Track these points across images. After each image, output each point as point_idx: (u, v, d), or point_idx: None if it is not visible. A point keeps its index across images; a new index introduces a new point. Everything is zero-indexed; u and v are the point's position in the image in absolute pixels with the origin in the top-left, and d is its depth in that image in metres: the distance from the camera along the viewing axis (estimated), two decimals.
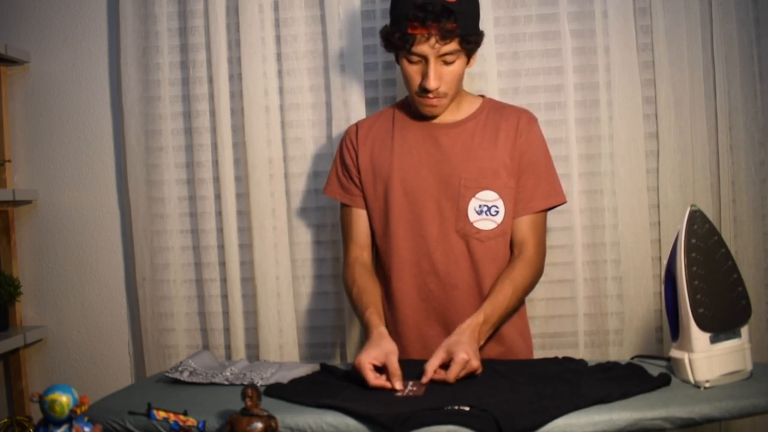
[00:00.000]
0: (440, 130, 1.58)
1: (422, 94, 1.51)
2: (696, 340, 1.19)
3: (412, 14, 1.42)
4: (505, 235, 1.56)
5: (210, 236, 2.05)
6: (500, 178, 1.55)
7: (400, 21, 1.45)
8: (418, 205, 1.56)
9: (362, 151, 1.63)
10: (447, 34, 1.43)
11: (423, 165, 1.57)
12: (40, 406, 0.94)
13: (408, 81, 1.52)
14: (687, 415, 1.08)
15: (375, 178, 1.61)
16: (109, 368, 2.17)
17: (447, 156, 1.56)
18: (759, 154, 1.92)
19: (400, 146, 1.59)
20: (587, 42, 1.95)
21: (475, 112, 1.60)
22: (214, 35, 2.00)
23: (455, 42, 1.45)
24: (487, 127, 1.58)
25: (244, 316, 2.04)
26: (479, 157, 1.55)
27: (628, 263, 1.93)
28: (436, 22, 1.41)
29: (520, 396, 1.18)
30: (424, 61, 1.47)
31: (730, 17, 1.89)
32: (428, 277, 1.56)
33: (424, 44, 1.44)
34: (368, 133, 1.65)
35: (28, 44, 2.14)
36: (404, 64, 1.51)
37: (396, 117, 1.64)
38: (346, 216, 1.66)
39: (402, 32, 1.45)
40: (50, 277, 2.18)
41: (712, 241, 1.22)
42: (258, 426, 1.01)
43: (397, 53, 1.53)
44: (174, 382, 1.38)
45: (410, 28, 1.43)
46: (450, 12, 1.42)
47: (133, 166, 2.05)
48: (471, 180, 1.54)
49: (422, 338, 1.56)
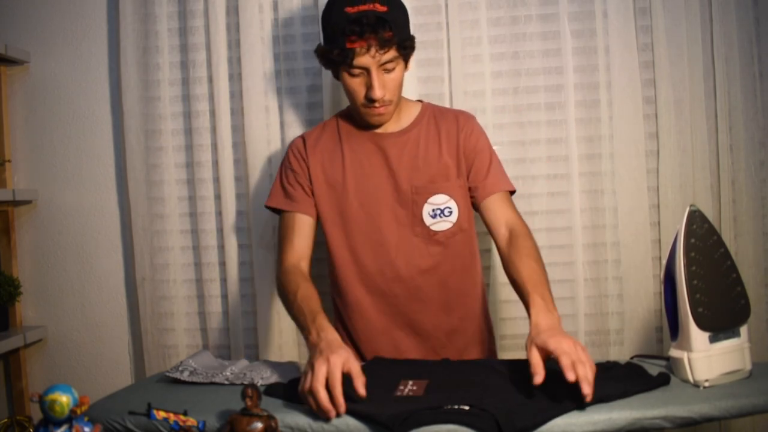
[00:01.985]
0: (387, 140, 1.60)
1: (369, 105, 1.53)
2: (695, 340, 1.19)
3: (349, 29, 1.43)
4: (463, 231, 1.60)
5: (210, 236, 2.06)
6: (449, 180, 1.58)
7: (336, 37, 1.46)
8: (375, 214, 1.58)
9: (313, 162, 1.62)
10: (385, 43, 1.45)
11: (375, 175, 1.59)
12: (40, 406, 0.94)
13: (352, 94, 1.53)
14: (686, 415, 1.08)
15: (329, 190, 1.60)
16: (109, 368, 2.17)
17: (396, 166, 1.58)
18: (759, 154, 1.92)
19: (350, 158, 1.61)
20: (587, 42, 1.95)
21: (416, 118, 1.63)
22: (214, 35, 2.00)
23: (393, 49, 1.47)
24: (429, 132, 1.61)
25: (243, 316, 2.04)
26: (427, 163, 1.59)
27: (629, 263, 1.93)
28: (373, 33, 1.43)
29: (519, 395, 1.18)
30: (365, 72, 1.49)
31: (730, 17, 1.89)
32: (393, 283, 1.58)
33: (364, 56, 1.46)
34: (316, 145, 1.64)
35: (28, 44, 2.14)
36: (346, 78, 1.51)
37: (341, 129, 1.64)
38: (288, 221, 1.61)
39: (341, 48, 1.46)
40: (50, 277, 2.18)
41: (712, 241, 1.22)
42: (258, 426, 1.01)
43: (335, 69, 1.54)
44: (174, 381, 1.38)
45: (348, 42, 1.44)
46: (384, 21, 1.44)
47: (133, 166, 2.05)
48: (421, 187, 1.57)
49: (393, 341, 1.59)
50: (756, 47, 1.90)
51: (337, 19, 1.46)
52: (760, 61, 1.91)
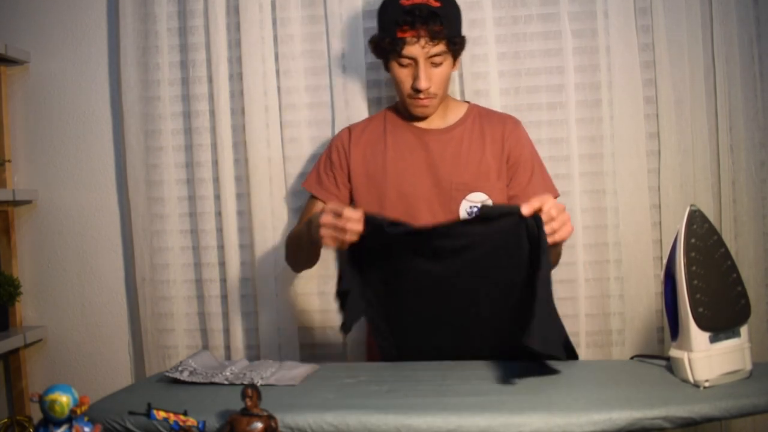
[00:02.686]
0: (431, 136, 1.64)
1: (414, 96, 1.58)
2: (695, 340, 1.19)
3: (402, 19, 1.50)
4: None
5: (210, 236, 2.06)
6: (489, 180, 1.60)
7: (390, 26, 1.53)
8: (413, 207, 1.60)
9: (354, 153, 1.67)
10: (435, 36, 1.51)
11: (416, 169, 1.62)
12: (40, 406, 0.94)
13: (399, 84, 1.59)
14: (687, 415, 1.08)
15: (368, 182, 1.64)
16: (109, 368, 2.17)
17: (438, 161, 1.61)
18: (759, 154, 1.92)
19: (393, 150, 1.64)
20: (588, 42, 1.96)
21: (462, 118, 1.66)
22: (214, 35, 2.00)
23: (443, 44, 1.53)
24: (474, 132, 1.64)
25: (243, 316, 2.04)
26: (468, 162, 1.61)
27: (630, 263, 1.94)
28: (425, 25, 1.49)
29: None
30: (414, 63, 1.54)
31: (730, 17, 1.89)
32: None
33: (414, 46, 1.52)
34: (360, 136, 1.69)
35: (28, 44, 2.14)
36: (394, 69, 1.58)
37: (387, 121, 1.69)
38: (311, 206, 1.69)
39: (392, 37, 1.52)
40: (50, 277, 2.18)
41: (712, 241, 1.22)
42: (258, 426, 1.01)
43: (386, 59, 1.60)
44: (174, 381, 1.38)
45: (400, 32, 1.51)
46: (436, 15, 1.50)
47: (133, 166, 2.05)
48: (461, 184, 1.59)
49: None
50: (756, 47, 1.91)
51: (391, 10, 1.53)
52: (760, 61, 1.91)
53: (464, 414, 1.10)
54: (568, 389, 1.21)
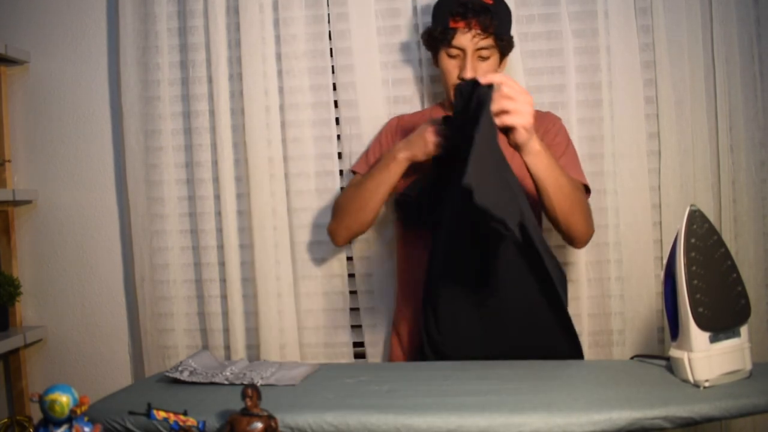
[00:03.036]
0: None
1: None
2: (695, 340, 1.19)
3: (455, 10, 1.58)
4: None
5: (209, 236, 2.05)
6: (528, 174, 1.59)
7: (443, 17, 1.61)
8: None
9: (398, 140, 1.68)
10: (485, 28, 1.57)
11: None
12: (40, 406, 0.94)
13: (446, 75, 1.65)
14: (687, 415, 1.08)
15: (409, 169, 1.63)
16: (109, 368, 2.17)
17: None
18: (759, 154, 1.92)
19: None
20: (589, 42, 1.96)
21: None
22: (214, 35, 2.00)
23: (491, 38, 1.59)
24: None
25: (244, 316, 2.04)
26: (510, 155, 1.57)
27: (630, 263, 1.94)
28: (476, 17, 1.57)
29: None
30: (462, 54, 1.60)
31: (730, 17, 1.89)
32: None
33: (464, 36, 1.58)
34: (407, 126, 1.75)
35: (28, 44, 2.14)
36: (443, 60, 1.64)
37: (433, 114, 1.74)
38: None
39: (444, 27, 1.60)
40: (50, 277, 2.18)
41: (712, 241, 1.22)
42: (258, 426, 1.01)
43: (436, 50, 1.66)
44: (174, 381, 1.38)
45: (452, 22, 1.59)
46: (488, 10, 1.58)
47: (133, 166, 2.05)
48: None
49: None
50: (756, 47, 1.90)
51: (446, 2, 1.61)
52: (760, 61, 1.91)
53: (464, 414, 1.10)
54: (568, 389, 1.21)
